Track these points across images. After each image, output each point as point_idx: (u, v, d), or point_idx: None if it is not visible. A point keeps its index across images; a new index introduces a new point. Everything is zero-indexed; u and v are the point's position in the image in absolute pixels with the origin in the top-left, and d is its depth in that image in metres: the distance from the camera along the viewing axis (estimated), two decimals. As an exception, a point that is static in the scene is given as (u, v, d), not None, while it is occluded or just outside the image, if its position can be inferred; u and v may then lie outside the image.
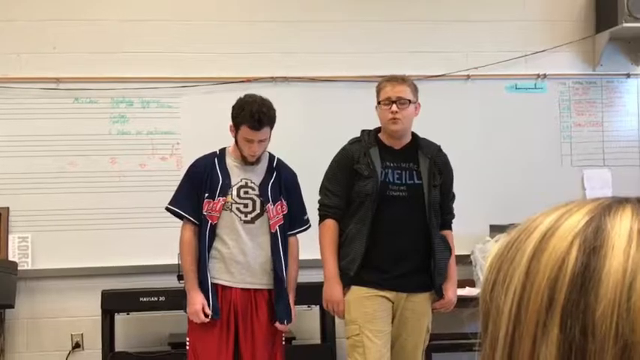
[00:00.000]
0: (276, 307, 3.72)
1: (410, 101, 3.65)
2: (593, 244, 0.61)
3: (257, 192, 3.74)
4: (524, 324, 0.62)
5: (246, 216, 3.72)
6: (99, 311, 4.61)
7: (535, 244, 0.64)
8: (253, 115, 3.58)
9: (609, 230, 0.62)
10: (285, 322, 3.75)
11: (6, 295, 4.57)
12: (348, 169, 3.67)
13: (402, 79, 3.71)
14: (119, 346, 4.75)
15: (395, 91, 3.64)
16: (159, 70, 4.97)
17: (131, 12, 5.01)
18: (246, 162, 3.74)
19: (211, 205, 3.71)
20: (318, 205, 3.75)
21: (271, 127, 3.68)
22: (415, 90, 3.71)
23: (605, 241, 0.61)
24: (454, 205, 3.85)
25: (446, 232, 3.78)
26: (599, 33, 5.34)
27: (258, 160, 3.75)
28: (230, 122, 3.73)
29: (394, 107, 3.61)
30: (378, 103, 3.68)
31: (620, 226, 0.62)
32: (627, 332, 0.57)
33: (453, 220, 3.85)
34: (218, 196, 3.70)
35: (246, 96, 3.72)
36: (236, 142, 3.73)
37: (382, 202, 3.61)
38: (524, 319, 0.62)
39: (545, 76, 5.34)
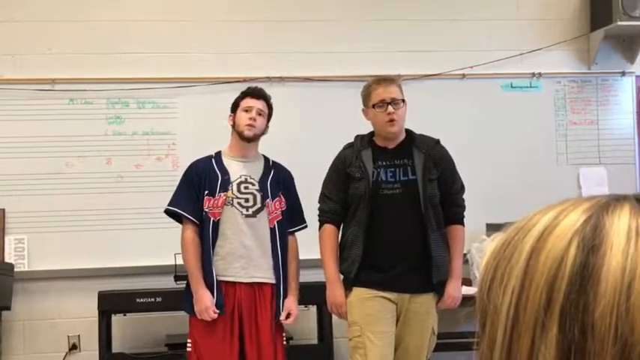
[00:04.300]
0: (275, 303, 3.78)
1: (403, 101, 3.66)
2: (591, 243, 0.61)
3: (257, 187, 3.80)
4: (522, 323, 0.62)
5: (247, 210, 3.76)
6: (96, 312, 4.60)
7: (533, 242, 0.64)
8: (253, 88, 3.94)
9: (608, 228, 0.61)
10: (279, 319, 3.77)
11: (2, 297, 4.55)
12: (342, 173, 3.69)
13: (391, 80, 3.70)
14: (116, 347, 4.74)
15: (388, 93, 3.63)
16: (154, 70, 4.96)
17: (127, 13, 5.00)
18: (242, 137, 3.80)
19: (212, 201, 3.75)
20: (318, 212, 3.77)
21: (269, 106, 3.88)
22: (402, 89, 3.72)
23: (603, 240, 0.61)
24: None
25: (454, 227, 3.73)
26: (594, 31, 5.34)
27: (255, 137, 3.82)
28: (229, 114, 3.88)
29: (390, 108, 3.59)
30: (372, 106, 3.64)
31: (618, 224, 0.61)
32: (627, 332, 0.57)
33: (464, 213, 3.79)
34: (219, 192, 3.75)
35: None
36: (234, 126, 3.84)
37: (376, 202, 3.60)
38: (523, 318, 0.62)
39: (540, 74, 5.34)
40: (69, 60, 4.91)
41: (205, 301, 3.67)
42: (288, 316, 3.78)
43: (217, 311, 3.67)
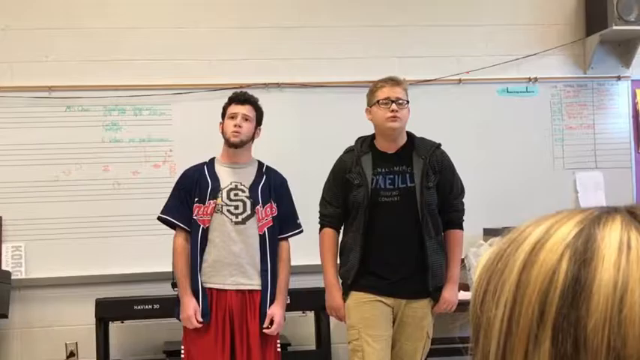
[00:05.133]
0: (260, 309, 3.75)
1: (407, 102, 3.69)
2: (583, 257, 0.61)
3: (247, 194, 3.79)
4: (515, 337, 0.62)
5: (237, 217, 3.75)
6: (93, 320, 4.59)
7: (525, 256, 0.64)
8: (237, 94, 3.92)
9: (599, 242, 0.61)
10: (265, 325, 3.73)
11: (0, 305, 4.55)
12: (341, 178, 3.71)
13: (398, 81, 3.73)
14: (114, 355, 4.74)
15: (394, 92, 3.67)
16: (151, 77, 4.97)
17: (123, 20, 5.01)
18: (229, 145, 3.79)
19: (202, 209, 3.75)
20: (318, 216, 3.78)
21: (255, 110, 3.85)
22: (407, 93, 3.75)
23: (595, 253, 0.61)
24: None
25: (452, 231, 3.74)
26: (590, 36, 5.36)
27: (242, 143, 3.79)
28: (220, 121, 3.86)
29: (394, 106, 3.63)
30: (376, 102, 3.67)
31: (609, 237, 0.61)
32: (619, 345, 0.57)
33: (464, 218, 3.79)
34: (208, 200, 3.75)
35: None
36: (223, 133, 3.82)
37: (375, 209, 3.61)
38: (516, 332, 0.62)
39: (536, 79, 5.35)
40: (65, 67, 4.91)
41: (187, 310, 3.67)
42: (271, 322, 3.72)
43: (201, 320, 3.67)
